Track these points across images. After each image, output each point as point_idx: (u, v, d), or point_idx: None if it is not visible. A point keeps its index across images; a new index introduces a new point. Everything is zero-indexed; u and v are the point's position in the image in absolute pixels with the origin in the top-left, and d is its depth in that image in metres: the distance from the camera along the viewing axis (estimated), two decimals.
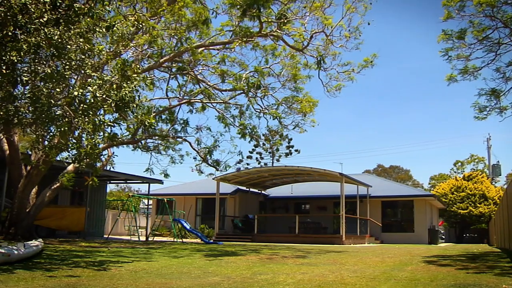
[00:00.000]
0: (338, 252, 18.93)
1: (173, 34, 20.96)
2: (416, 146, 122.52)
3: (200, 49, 22.12)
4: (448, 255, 18.19)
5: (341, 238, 27.83)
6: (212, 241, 28.36)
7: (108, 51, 15.49)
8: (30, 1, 12.03)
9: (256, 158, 30.32)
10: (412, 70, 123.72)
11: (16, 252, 11.76)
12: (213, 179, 30.16)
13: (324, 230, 31.38)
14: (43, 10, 12.08)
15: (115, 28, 13.47)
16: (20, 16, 11.99)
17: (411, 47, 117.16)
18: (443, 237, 43.48)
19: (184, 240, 28.74)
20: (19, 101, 12.81)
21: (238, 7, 20.29)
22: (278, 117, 25.18)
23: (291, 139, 28.78)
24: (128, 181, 38.06)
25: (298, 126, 25.62)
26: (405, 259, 15.70)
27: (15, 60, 11.63)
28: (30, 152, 21.99)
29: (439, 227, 41.66)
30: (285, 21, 20.82)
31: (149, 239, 29.36)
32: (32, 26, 12.06)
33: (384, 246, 27.37)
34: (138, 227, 30.09)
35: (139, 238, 28.81)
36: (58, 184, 20.89)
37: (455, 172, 67.80)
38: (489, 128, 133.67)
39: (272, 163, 31.14)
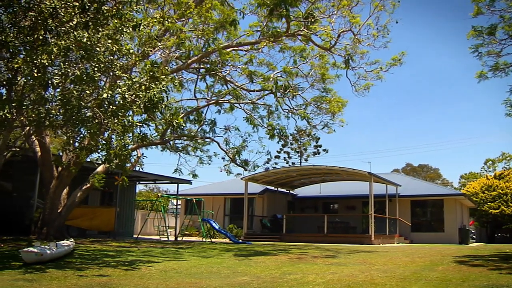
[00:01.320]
0: (368, 252, 18.77)
1: (200, 36, 21.08)
2: (445, 144, 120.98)
3: (228, 49, 22.18)
4: (480, 255, 17.90)
5: (370, 238, 27.60)
6: (241, 241, 28.39)
7: (136, 53, 15.63)
8: (60, 5, 12.21)
9: (284, 157, 30.41)
10: (440, 68, 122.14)
11: (48, 251, 11.94)
12: (241, 179, 30.20)
13: (353, 230, 31.14)
14: (73, 13, 12.26)
15: (141, 27, 13.58)
16: (51, 20, 12.19)
17: (439, 44, 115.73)
18: (474, 237, 42.79)
19: (213, 240, 28.83)
20: (50, 104, 13.02)
21: (265, 6, 20.29)
22: (306, 118, 25.11)
23: (319, 138, 28.71)
24: (157, 182, 38.34)
25: (327, 126, 25.55)
26: (436, 259, 15.50)
27: (46, 63, 11.81)
28: (61, 154, 22.32)
29: (469, 227, 41.02)
30: (313, 20, 20.75)
31: (178, 239, 29.53)
32: (62, 30, 12.25)
33: (414, 246, 27.05)
34: (167, 227, 30.28)
35: (168, 238, 28.98)
36: (88, 185, 21.16)
37: (486, 170, 66.60)
38: None
39: (300, 162, 31.18)
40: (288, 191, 38.00)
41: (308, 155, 29.03)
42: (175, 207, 43.21)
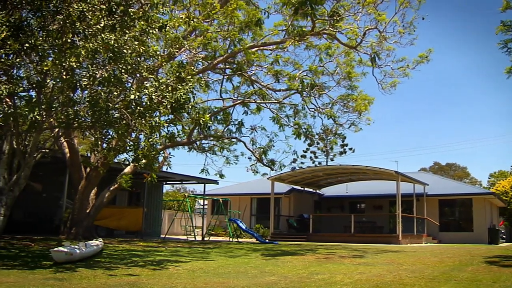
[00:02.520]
0: (395, 251, 18.61)
1: (226, 36, 21.14)
2: (473, 142, 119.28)
3: (253, 49, 22.21)
4: (510, 256, 17.63)
5: (397, 238, 27.36)
6: (267, 240, 28.39)
7: (162, 54, 15.75)
8: (88, 9, 12.37)
9: (310, 157, 30.36)
10: (467, 65, 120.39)
11: (78, 251, 12.10)
12: (267, 178, 30.20)
13: (380, 230, 30.88)
14: (100, 16, 12.40)
15: (167, 27, 13.68)
16: (78, 23, 12.35)
17: (466, 40, 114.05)
18: (504, 237, 42.03)
19: (240, 239, 28.89)
20: (79, 105, 13.19)
21: (290, 6, 20.27)
22: (333, 116, 25.01)
23: (345, 137, 28.55)
24: (183, 182, 38.54)
25: (354, 125, 25.40)
26: (465, 259, 15.29)
27: (75, 66, 11.97)
28: (89, 155, 22.61)
29: (499, 227, 40.32)
30: (338, 18, 20.66)
31: (205, 238, 29.66)
32: (90, 32, 12.41)
33: (442, 245, 26.73)
34: (194, 227, 30.45)
35: (195, 238, 29.13)
36: (116, 185, 21.39)
37: None
38: None
39: (327, 162, 31.07)
40: (314, 191, 37.88)
41: (334, 154, 28.96)
42: (201, 207, 43.40)
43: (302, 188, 36.20)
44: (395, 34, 21.72)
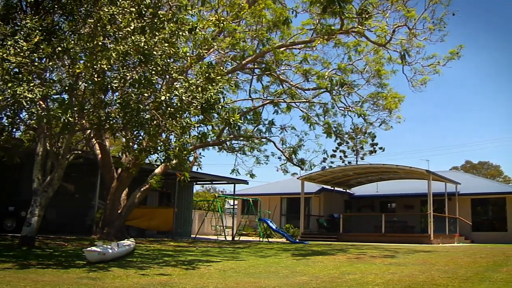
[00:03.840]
0: (427, 251, 18.39)
1: (254, 36, 21.17)
2: (507, 140, 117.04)
3: (282, 49, 22.20)
4: None
5: (429, 238, 27.04)
6: (298, 240, 28.34)
7: (191, 55, 15.86)
8: (118, 12, 12.53)
9: (340, 156, 30.20)
10: (499, 59, 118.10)
11: (110, 251, 12.24)
12: (297, 178, 30.15)
13: (411, 229, 30.53)
14: (130, 19, 12.56)
15: (197, 29, 13.77)
16: (109, 27, 12.52)
17: (498, 36, 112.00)
18: None
19: (270, 239, 28.90)
20: (110, 107, 13.36)
21: (318, 4, 20.20)
22: (363, 115, 24.85)
23: (375, 136, 28.32)
24: (213, 182, 38.72)
25: (384, 123, 25.18)
26: (499, 260, 15.02)
27: (106, 68, 12.14)
28: (120, 156, 22.87)
29: None
30: (367, 16, 20.51)
31: (235, 238, 29.75)
32: (120, 35, 12.57)
33: (475, 245, 26.31)
34: (224, 227, 30.56)
35: (225, 237, 29.24)
36: (147, 186, 21.58)
37: None
38: None
39: (356, 161, 30.87)
40: (344, 190, 37.68)
41: (364, 153, 28.72)
42: (231, 207, 43.54)
43: (332, 188, 36.04)
44: (425, 30, 21.45)
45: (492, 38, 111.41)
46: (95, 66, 12.09)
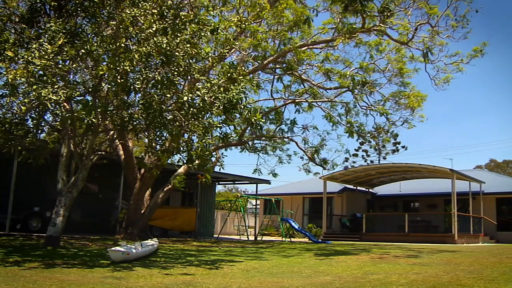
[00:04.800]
0: (451, 251, 18.21)
1: (276, 36, 21.17)
2: None
3: (303, 48, 22.16)
4: None
5: (453, 237, 26.78)
6: (320, 240, 28.27)
7: (213, 55, 15.91)
8: (140, 13, 12.63)
9: (362, 156, 29.97)
10: None
11: (134, 251, 12.33)
12: (320, 178, 30.08)
13: (435, 229, 30.25)
14: (152, 20, 12.64)
15: (219, 30, 13.82)
16: (131, 28, 12.62)
17: None
18: None
19: (292, 239, 28.87)
20: (133, 108, 13.46)
21: (339, 3, 20.12)
22: (385, 114, 24.69)
23: (397, 135, 28.11)
24: (236, 182, 38.80)
25: (407, 122, 24.98)
26: None
27: (128, 70, 12.24)
28: (143, 156, 23.04)
29: None
30: (388, 14, 20.35)
31: (258, 238, 29.78)
32: (142, 36, 12.66)
33: (500, 245, 25.95)
34: (247, 227, 30.62)
35: (248, 237, 29.29)
36: (170, 186, 21.71)
37: None
38: None
39: (379, 160, 30.65)
40: (367, 190, 37.49)
41: (387, 152, 28.47)
42: (254, 207, 43.60)
43: (355, 187, 35.88)
44: (448, 28, 21.20)
45: None
46: (118, 68, 12.19)
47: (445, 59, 22.57)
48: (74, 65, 12.96)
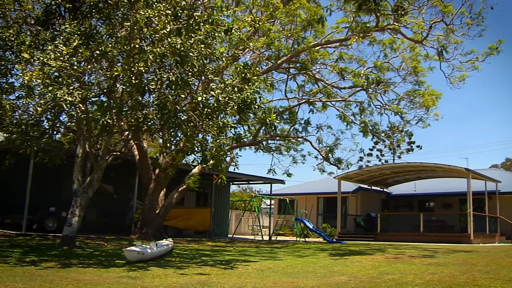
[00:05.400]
0: (467, 251, 18.06)
1: (289, 35, 21.16)
2: None
3: (317, 48, 22.12)
4: None
5: (468, 237, 26.57)
6: (335, 240, 28.21)
7: (227, 55, 15.94)
8: (154, 14, 12.68)
9: (377, 155, 29.88)
10: None
11: (149, 250, 12.39)
12: (334, 177, 30.02)
13: (450, 229, 30.03)
14: (166, 21, 12.69)
15: (233, 30, 13.84)
16: (146, 29, 12.68)
17: None
18: None
19: (307, 239, 28.83)
20: (147, 109, 13.53)
21: (353, 2, 20.05)
22: (400, 113, 24.58)
23: (412, 134, 27.95)
24: (250, 182, 38.85)
25: (422, 121, 24.84)
26: None
27: (143, 70, 12.30)
28: (158, 157, 23.12)
29: None
30: (402, 12, 20.23)
31: (272, 238, 29.77)
32: (156, 37, 12.72)
33: None
34: (261, 227, 30.63)
35: (262, 237, 29.30)
36: (184, 186, 21.78)
37: None
38: None
39: (393, 160, 30.50)
40: (382, 189, 37.34)
41: (401, 152, 28.30)
42: (268, 206, 43.62)
43: (369, 187, 35.74)
44: (463, 26, 20.99)
45: None
46: (132, 69, 12.25)
47: (460, 57, 22.41)
48: (89, 66, 13.04)
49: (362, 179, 33.48)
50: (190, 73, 12.94)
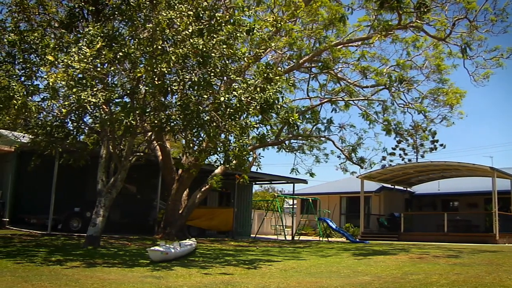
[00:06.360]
0: (493, 251, 17.82)
1: (311, 35, 21.11)
2: None
3: (339, 46, 22.02)
4: None
5: (494, 237, 26.20)
6: (358, 240, 28.05)
7: (249, 55, 15.95)
8: (176, 15, 12.75)
9: (400, 154, 29.56)
10: None
11: (173, 250, 12.45)
12: (357, 177, 29.87)
13: (475, 228, 29.62)
14: (188, 22, 12.75)
15: (255, 31, 13.86)
16: (168, 30, 12.75)
17: None
18: None
19: (330, 239, 28.73)
20: (170, 109, 13.61)
21: (374, 0, 19.92)
22: (423, 111, 24.35)
23: (435, 133, 27.66)
24: (272, 182, 38.82)
25: (445, 119, 24.57)
26: None
27: (165, 71, 12.38)
28: (181, 157, 23.23)
29: None
30: (425, 10, 20.02)
31: (295, 238, 29.72)
32: (179, 38, 12.78)
33: None
34: (284, 227, 30.59)
35: (285, 237, 29.26)
36: (207, 186, 21.85)
37: None
38: None
39: (417, 159, 30.16)
40: (405, 189, 37.02)
41: (425, 151, 27.97)
42: (291, 206, 43.55)
43: (393, 186, 35.46)
44: (487, 22, 20.62)
45: None
46: (155, 70, 12.34)
47: (484, 54, 22.02)
48: (112, 68, 13.16)
49: (385, 178, 33.23)
50: (212, 74, 12.99)
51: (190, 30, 12.71)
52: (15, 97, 12.34)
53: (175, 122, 13.52)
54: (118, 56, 12.49)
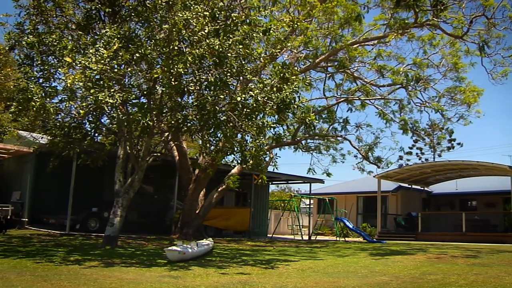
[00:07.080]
0: None
1: (327, 34, 21.04)
2: None
3: (355, 45, 21.92)
4: None
5: None
6: (375, 240, 27.92)
7: (265, 55, 15.95)
8: (192, 16, 12.80)
9: (417, 153, 29.37)
10: None
11: (190, 250, 12.49)
12: (374, 176, 29.74)
13: (494, 228, 29.33)
14: (204, 23, 12.78)
15: (271, 31, 13.86)
16: (184, 31, 12.80)
17: None
18: None
19: (346, 239, 28.63)
20: (187, 110, 13.66)
21: None
22: (440, 110, 24.16)
23: (453, 132, 27.45)
24: (289, 182, 38.78)
25: (463, 118, 24.34)
26: None
27: (182, 72, 12.43)
28: (197, 157, 23.27)
29: None
30: (442, 7, 19.85)
31: (312, 238, 29.67)
32: (195, 39, 12.82)
33: None
34: (301, 227, 30.54)
35: (302, 237, 29.21)
36: (224, 186, 21.87)
37: None
38: None
39: (434, 158, 29.95)
40: (422, 188, 36.77)
41: (442, 150, 27.75)
42: (307, 206, 43.47)
43: (410, 186, 35.23)
44: (505, 19, 20.39)
45: None
46: (171, 70, 12.39)
47: (503, 52, 21.77)
48: (129, 69, 13.25)
49: (402, 178, 33.04)
50: (228, 74, 13.01)
51: (206, 31, 12.74)
52: (33, 99, 12.48)
53: (191, 122, 13.57)
54: (135, 57, 12.57)
